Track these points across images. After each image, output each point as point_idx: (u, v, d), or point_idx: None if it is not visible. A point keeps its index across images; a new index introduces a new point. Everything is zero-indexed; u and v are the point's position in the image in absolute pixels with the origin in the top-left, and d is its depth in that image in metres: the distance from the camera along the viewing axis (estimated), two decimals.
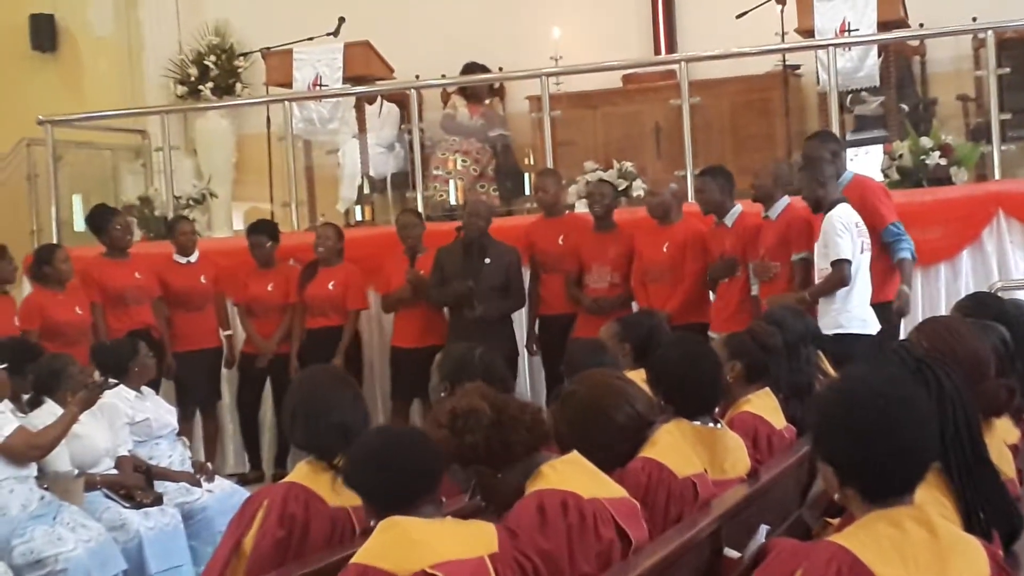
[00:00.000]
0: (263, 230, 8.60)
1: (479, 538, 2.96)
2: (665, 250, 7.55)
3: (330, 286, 8.34)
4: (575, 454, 3.37)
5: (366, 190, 9.88)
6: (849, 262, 6.49)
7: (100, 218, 8.46)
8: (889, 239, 6.86)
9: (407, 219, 8.38)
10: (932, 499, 2.66)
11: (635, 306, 7.62)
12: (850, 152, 8.70)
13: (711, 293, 7.55)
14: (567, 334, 7.69)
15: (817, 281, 6.69)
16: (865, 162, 8.53)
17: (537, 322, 8.14)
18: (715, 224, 7.44)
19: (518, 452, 3.25)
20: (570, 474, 3.25)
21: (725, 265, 7.29)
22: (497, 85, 10.66)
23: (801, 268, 7.03)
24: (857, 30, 8.26)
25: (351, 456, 3.19)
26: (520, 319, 8.19)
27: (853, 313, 6.46)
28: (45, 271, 7.93)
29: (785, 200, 7.20)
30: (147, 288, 8.37)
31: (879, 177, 8.08)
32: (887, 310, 6.80)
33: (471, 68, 10.31)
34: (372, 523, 3.01)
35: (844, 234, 6.50)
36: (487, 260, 7.92)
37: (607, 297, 7.77)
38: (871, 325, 6.53)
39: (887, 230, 6.85)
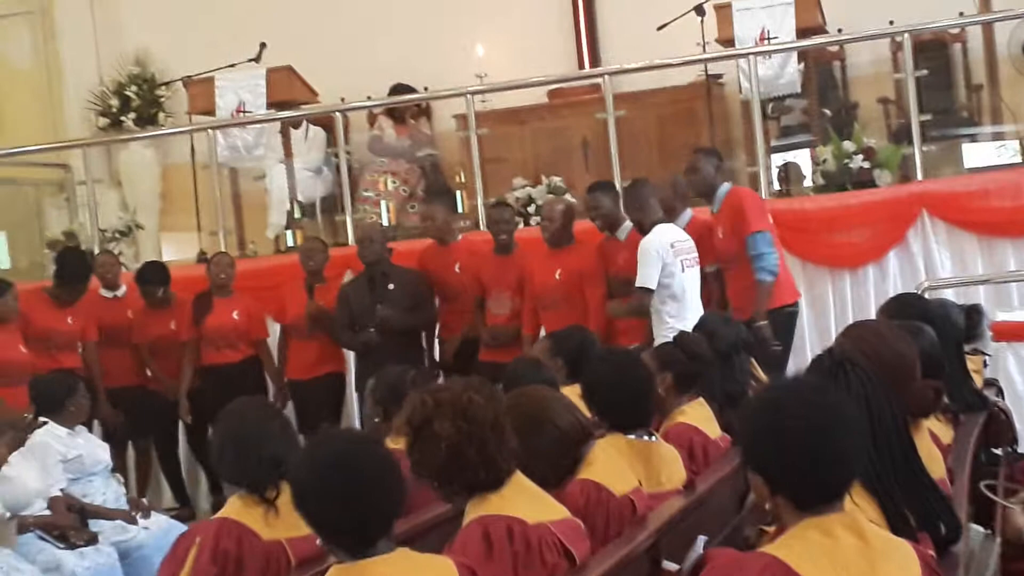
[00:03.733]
0: (152, 279, 8.29)
1: None
2: (558, 277, 7.39)
3: (235, 315, 8.17)
4: (518, 476, 3.35)
5: (296, 215, 9.83)
6: (649, 290, 6.63)
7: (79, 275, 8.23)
8: (751, 252, 6.82)
9: (308, 246, 8.28)
10: (848, 502, 2.66)
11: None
12: (776, 158, 8.85)
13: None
14: (466, 359, 7.65)
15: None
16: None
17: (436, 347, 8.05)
18: (607, 238, 7.35)
19: (465, 487, 3.21)
20: (514, 498, 3.22)
21: (621, 284, 7.12)
22: (424, 104, 10.65)
23: (713, 278, 7.15)
24: (776, 38, 8.34)
25: (302, 482, 2.82)
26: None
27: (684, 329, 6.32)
28: None
29: (688, 213, 7.25)
30: (78, 333, 8.16)
31: (807, 182, 8.20)
32: (777, 315, 6.85)
33: (397, 90, 10.28)
34: (325, 546, 2.87)
35: (651, 263, 6.62)
36: (390, 286, 7.78)
37: (503, 327, 7.64)
38: None
39: (750, 239, 6.82)
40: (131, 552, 6.22)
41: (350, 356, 8.18)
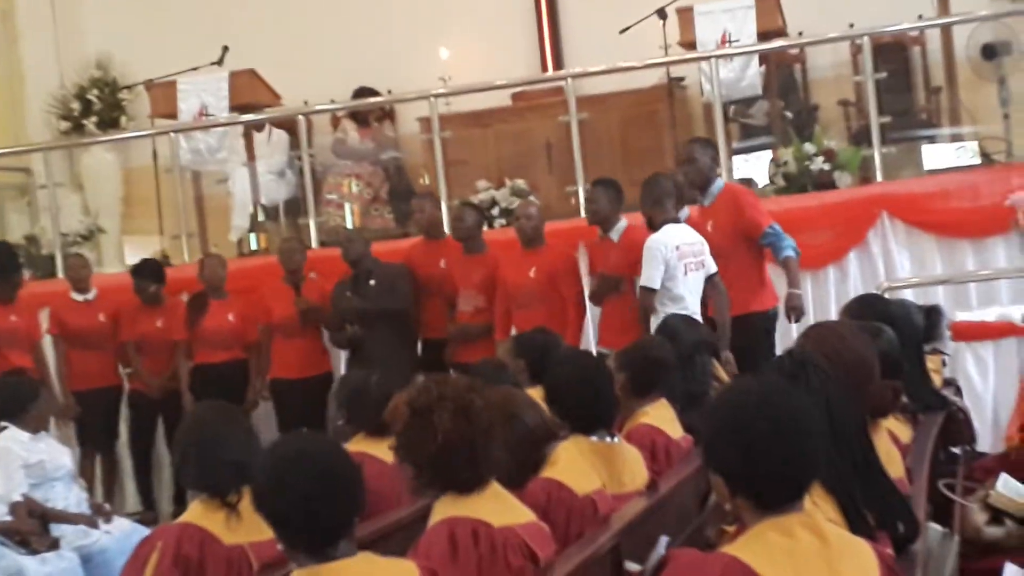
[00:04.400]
0: (147, 274, 8.37)
1: None
2: (532, 275, 7.43)
3: (230, 318, 8.21)
4: (492, 484, 3.34)
5: (259, 218, 9.80)
6: (652, 290, 6.58)
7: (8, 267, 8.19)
8: (768, 241, 6.90)
9: (289, 246, 8.32)
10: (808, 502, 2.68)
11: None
12: (737, 160, 8.89)
13: (596, 309, 7.46)
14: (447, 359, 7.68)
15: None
16: (753, 169, 8.68)
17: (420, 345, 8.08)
18: (600, 237, 7.35)
19: (441, 484, 3.21)
20: (482, 501, 3.23)
21: (609, 284, 7.17)
22: (387, 107, 10.65)
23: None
24: (738, 41, 8.39)
25: (262, 482, 2.87)
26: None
27: None
28: None
29: (685, 211, 7.27)
30: (24, 332, 8.11)
31: (766, 183, 8.25)
32: (760, 318, 6.88)
33: (362, 93, 10.27)
34: (285, 552, 2.88)
35: (655, 263, 6.57)
36: (372, 282, 7.88)
37: (471, 324, 7.70)
38: None
39: (764, 235, 6.89)
40: (93, 556, 6.19)
41: (337, 357, 8.23)
